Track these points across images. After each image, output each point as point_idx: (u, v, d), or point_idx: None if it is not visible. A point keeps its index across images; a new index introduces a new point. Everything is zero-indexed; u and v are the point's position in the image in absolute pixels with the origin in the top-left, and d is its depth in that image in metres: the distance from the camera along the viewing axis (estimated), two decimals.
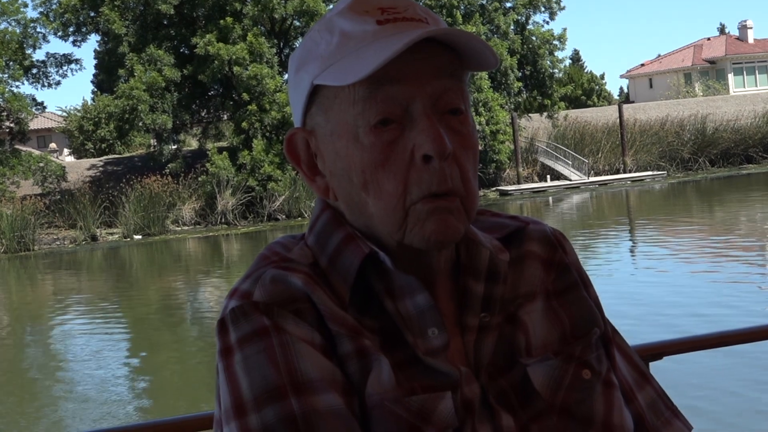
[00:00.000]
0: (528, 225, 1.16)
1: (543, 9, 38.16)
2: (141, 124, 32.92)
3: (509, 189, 35.30)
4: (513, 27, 37.32)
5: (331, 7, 1.07)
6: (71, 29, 34.71)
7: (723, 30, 69.83)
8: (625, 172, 37.72)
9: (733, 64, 59.14)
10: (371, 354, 0.98)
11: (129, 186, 31.73)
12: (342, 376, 0.97)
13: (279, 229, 29.64)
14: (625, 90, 68.66)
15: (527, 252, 1.13)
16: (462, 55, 1.02)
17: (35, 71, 35.62)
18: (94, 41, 43.52)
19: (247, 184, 31.55)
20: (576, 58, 65.49)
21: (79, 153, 45.28)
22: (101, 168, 36.32)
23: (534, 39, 37.59)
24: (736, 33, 63.35)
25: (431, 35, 0.97)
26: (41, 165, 32.91)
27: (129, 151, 41.78)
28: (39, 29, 34.44)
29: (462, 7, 35.89)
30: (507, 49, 35.44)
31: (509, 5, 37.39)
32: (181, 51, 34.41)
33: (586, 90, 60.52)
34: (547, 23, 52.87)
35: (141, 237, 30.72)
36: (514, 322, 1.07)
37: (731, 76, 58.68)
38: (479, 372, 1.02)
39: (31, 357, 14.26)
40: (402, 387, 0.97)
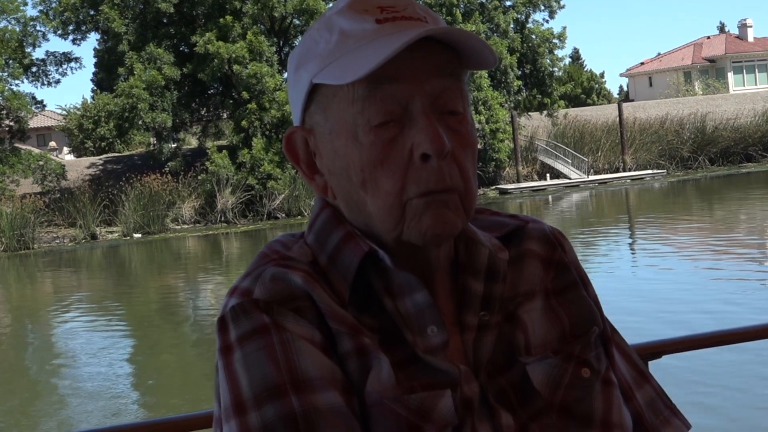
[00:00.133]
0: (527, 224, 1.16)
1: (543, 7, 38.15)
2: (141, 122, 32.91)
3: (509, 187, 35.29)
4: (513, 25, 37.31)
5: (331, 6, 1.07)
6: (71, 27, 34.68)
7: (723, 28, 69.81)
8: (625, 170, 37.71)
9: (733, 62, 59.15)
10: (371, 352, 0.98)
11: (129, 184, 31.71)
12: (342, 374, 0.97)
13: (279, 228, 29.63)
14: (625, 88, 68.66)
15: (527, 251, 1.13)
16: (461, 54, 1.02)
17: (35, 70, 35.59)
18: (93, 40, 43.46)
19: (247, 182, 31.55)
20: (576, 56, 65.48)
21: (79, 151, 45.27)
22: (101, 166, 36.31)
23: (534, 37, 37.58)
24: (735, 31, 63.39)
25: (430, 34, 0.97)
26: (41, 163, 32.90)
27: (129, 150, 41.79)
28: (39, 28, 34.45)
29: (462, 6, 35.88)
30: (507, 48, 35.42)
31: (509, 4, 37.38)
32: (181, 49, 34.38)
33: (585, 88, 60.47)
34: (547, 22, 52.84)
35: (141, 235, 30.71)
36: (513, 320, 1.07)
37: (731, 74, 58.69)
38: (478, 370, 1.02)
39: (31, 355, 14.26)
40: (401, 385, 0.97)
